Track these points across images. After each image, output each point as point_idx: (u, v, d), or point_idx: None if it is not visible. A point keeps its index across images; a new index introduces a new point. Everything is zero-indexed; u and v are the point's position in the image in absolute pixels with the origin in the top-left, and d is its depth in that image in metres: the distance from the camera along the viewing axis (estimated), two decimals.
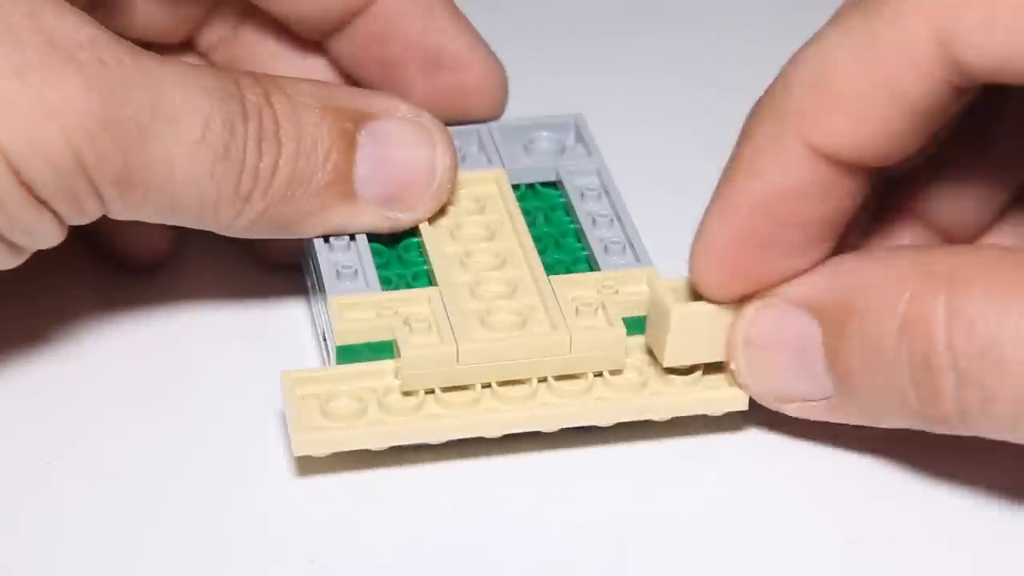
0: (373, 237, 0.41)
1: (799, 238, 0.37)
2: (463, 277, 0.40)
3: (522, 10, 0.56)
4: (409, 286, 0.40)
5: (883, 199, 0.40)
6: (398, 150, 0.40)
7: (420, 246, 0.41)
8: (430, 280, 0.40)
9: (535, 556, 0.37)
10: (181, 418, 0.40)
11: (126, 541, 0.37)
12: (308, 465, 0.38)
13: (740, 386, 0.38)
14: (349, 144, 0.39)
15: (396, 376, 0.38)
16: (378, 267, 0.40)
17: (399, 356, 0.38)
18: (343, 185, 0.39)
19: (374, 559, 0.37)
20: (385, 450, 0.38)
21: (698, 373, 0.38)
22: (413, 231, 0.41)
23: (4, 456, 0.39)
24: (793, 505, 0.38)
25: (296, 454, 0.37)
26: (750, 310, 0.37)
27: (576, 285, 0.39)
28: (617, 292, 0.39)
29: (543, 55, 0.54)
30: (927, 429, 0.37)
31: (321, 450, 0.37)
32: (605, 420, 0.38)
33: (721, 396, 0.38)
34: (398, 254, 0.41)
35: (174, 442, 0.39)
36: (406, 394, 0.38)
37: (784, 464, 0.39)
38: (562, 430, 0.38)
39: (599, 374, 0.38)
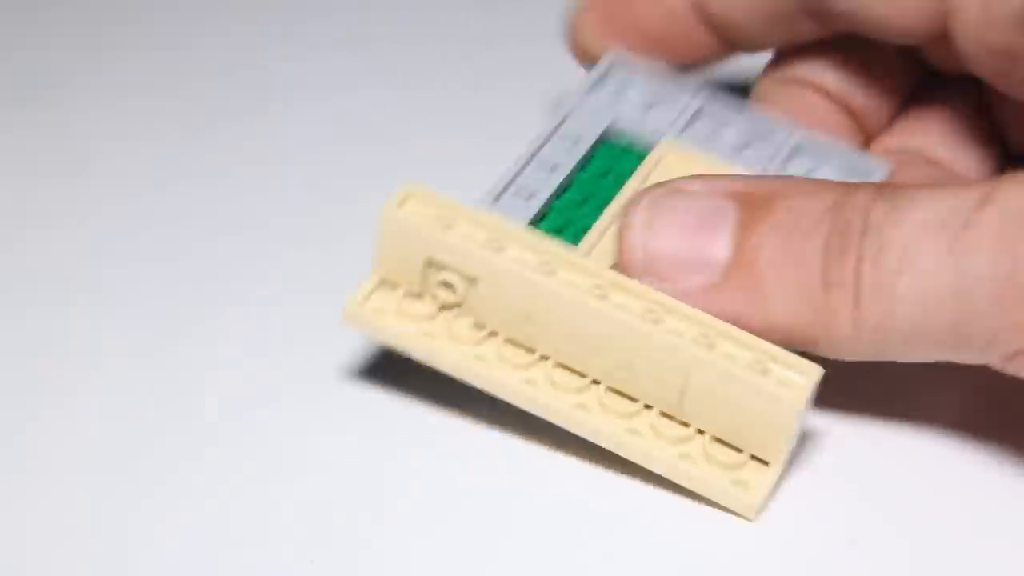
0: (591, 175, 0.40)
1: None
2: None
3: None
4: (559, 233, 0.38)
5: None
6: None
7: None
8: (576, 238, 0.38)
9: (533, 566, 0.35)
10: (185, 407, 0.38)
11: (124, 540, 0.36)
12: (311, 465, 0.37)
13: (624, 241, 0.36)
14: None
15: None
16: (564, 205, 0.39)
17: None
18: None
19: (374, 559, 0.36)
20: (389, 451, 0.37)
21: (745, 456, 0.35)
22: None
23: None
24: None
25: (342, 320, 0.37)
26: (666, 185, 0.37)
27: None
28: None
29: None
30: (812, 335, 0.36)
31: (361, 326, 0.37)
32: (619, 451, 0.36)
33: (737, 496, 0.35)
34: (599, 201, 0.39)
35: (175, 429, 0.38)
36: (478, 325, 0.37)
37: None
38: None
39: (649, 406, 0.36)
